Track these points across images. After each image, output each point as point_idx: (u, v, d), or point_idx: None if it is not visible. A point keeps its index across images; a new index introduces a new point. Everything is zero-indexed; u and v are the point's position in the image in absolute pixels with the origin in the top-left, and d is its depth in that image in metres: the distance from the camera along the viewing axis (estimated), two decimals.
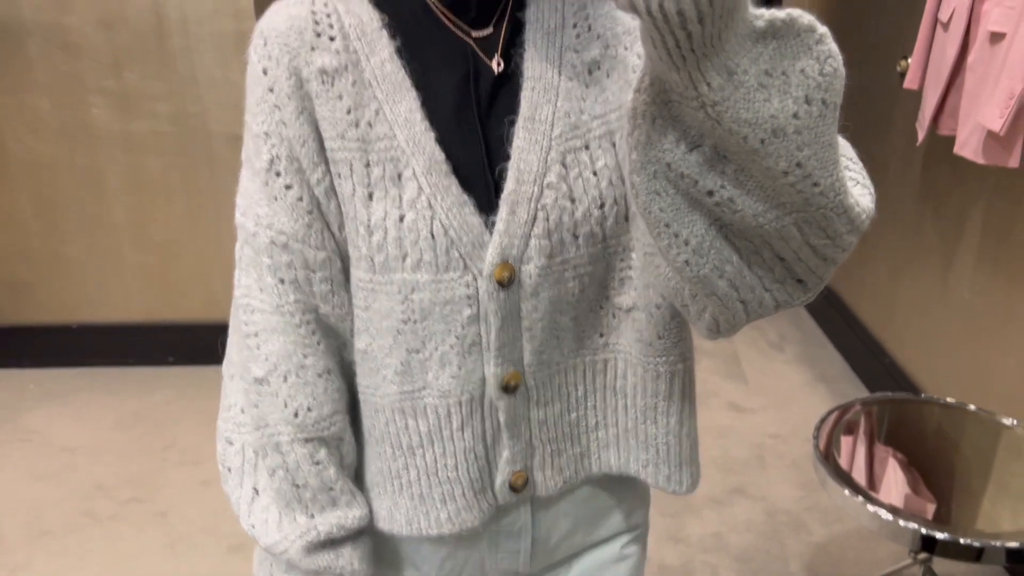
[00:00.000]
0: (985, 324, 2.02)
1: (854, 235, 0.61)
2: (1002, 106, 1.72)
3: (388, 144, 0.69)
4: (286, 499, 0.74)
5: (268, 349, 0.72)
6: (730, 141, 0.54)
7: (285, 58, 0.68)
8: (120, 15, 2.30)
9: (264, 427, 0.73)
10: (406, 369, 0.73)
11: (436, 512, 0.77)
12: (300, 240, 0.70)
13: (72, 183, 2.48)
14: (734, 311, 0.64)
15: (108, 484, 2.20)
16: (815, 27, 0.53)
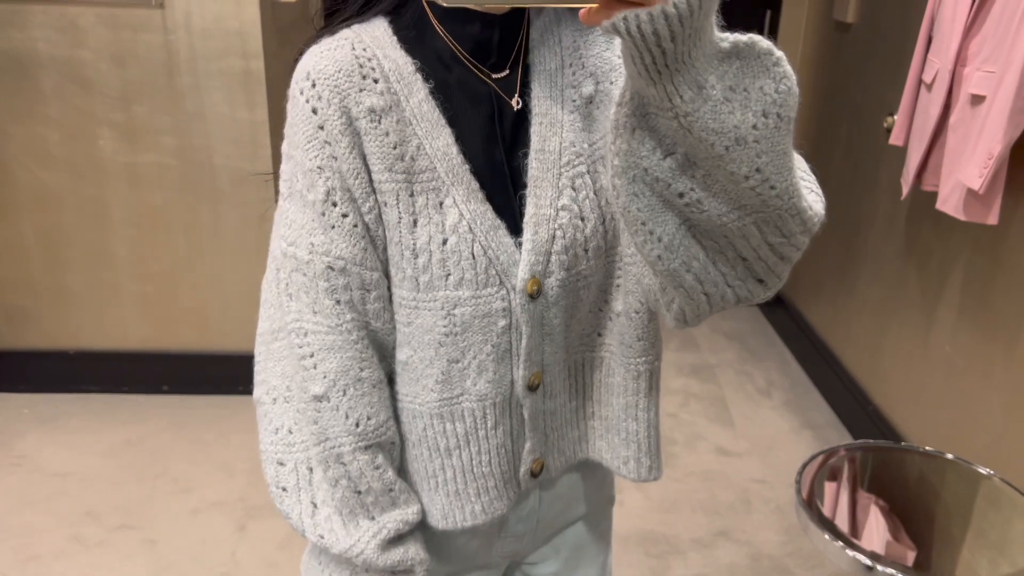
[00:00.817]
0: (965, 377, 2.07)
1: (806, 235, 0.70)
2: (981, 165, 1.79)
3: (430, 176, 0.76)
4: (349, 506, 0.79)
5: (326, 367, 0.77)
6: (699, 148, 0.61)
7: (335, 99, 0.73)
8: (132, 51, 2.37)
9: (325, 441, 0.78)
10: (446, 378, 0.80)
11: (471, 505, 0.84)
12: (358, 263, 0.76)
13: (76, 213, 2.53)
14: (699, 302, 0.73)
15: (98, 510, 2.21)
16: (773, 51, 0.61)
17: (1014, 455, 1.88)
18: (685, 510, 2.28)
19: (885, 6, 2.52)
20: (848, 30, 2.77)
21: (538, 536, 0.96)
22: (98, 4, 2.32)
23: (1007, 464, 1.89)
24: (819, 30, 3.02)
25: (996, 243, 1.95)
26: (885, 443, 1.94)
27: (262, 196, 2.54)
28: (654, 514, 2.26)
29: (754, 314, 3.47)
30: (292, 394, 0.79)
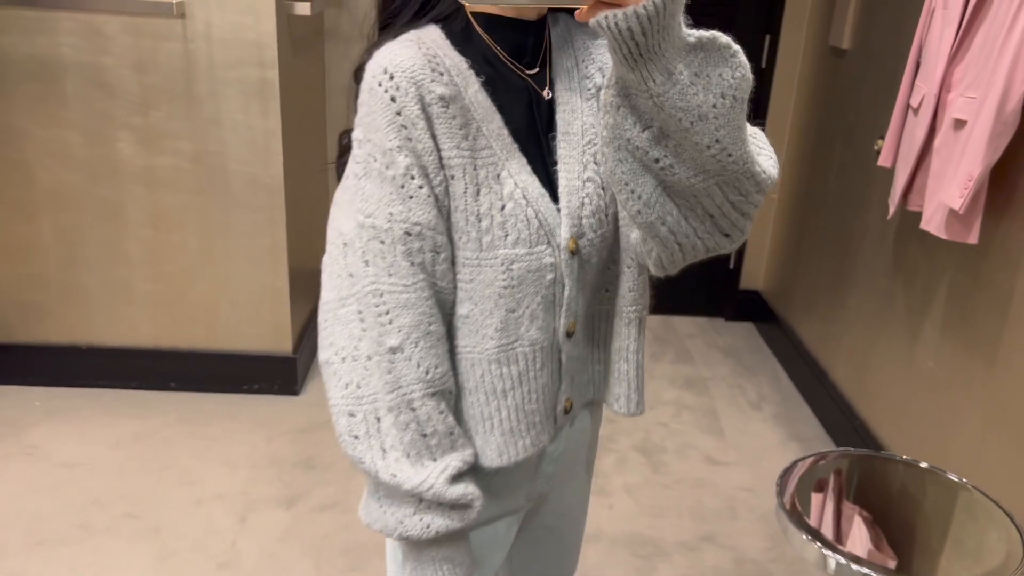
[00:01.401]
0: (947, 391, 2.13)
1: (760, 194, 0.84)
2: (962, 187, 1.87)
3: (488, 153, 0.90)
4: (417, 448, 0.89)
5: (401, 322, 0.88)
6: (670, 123, 0.75)
7: (412, 88, 0.86)
8: (153, 59, 2.47)
9: (397, 389, 0.88)
10: (504, 326, 0.92)
11: (522, 440, 0.97)
12: (431, 228, 0.88)
13: (93, 213, 2.62)
14: (672, 251, 0.88)
15: (104, 499, 2.29)
16: (731, 45, 0.75)
17: (993, 466, 1.94)
18: (672, 515, 2.35)
19: (878, 33, 2.61)
20: (843, 56, 2.86)
21: (559, 476, 1.11)
22: (122, 13, 2.42)
23: (986, 475, 1.95)
24: (816, 55, 3.12)
25: (978, 262, 2.03)
26: (866, 451, 2.01)
27: (273, 202, 2.63)
28: (642, 518, 2.33)
29: (749, 331, 3.55)
30: (359, 352, 0.89)
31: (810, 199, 3.11)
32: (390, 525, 0.92)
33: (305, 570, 2.07)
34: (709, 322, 3.60)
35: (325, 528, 2.22)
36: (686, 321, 3.59)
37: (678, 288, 3.53)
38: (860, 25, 2.74)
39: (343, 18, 3.20)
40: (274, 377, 2.82)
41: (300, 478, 2.42)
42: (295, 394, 2.84)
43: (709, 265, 3.73)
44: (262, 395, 2.82)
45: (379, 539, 2.14)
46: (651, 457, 2.61)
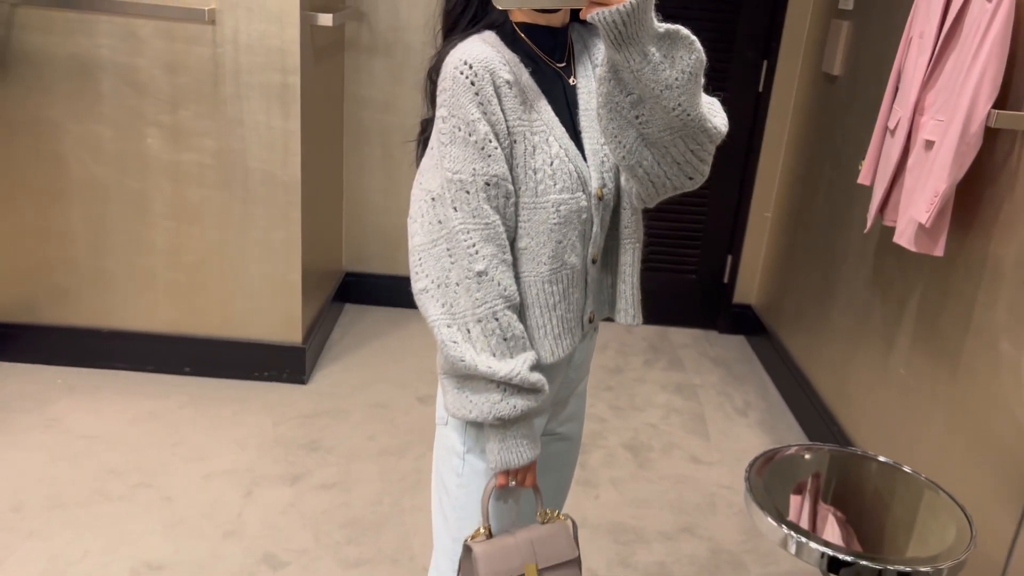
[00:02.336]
0: (915, 396, 2.26)
1: (713, 144, 1.16)
2: (928, 202, 2.01)
3: (539, 123, 1.19)
4: (500, 350, 1.17)
5: (484, 252, 1.15)
6: (646, 91, 1.06)
7: (486, 74, 1.14)
8: (184, 62, 2.64)
9: (484, 304, 1.16)
10: (555, 255, 1.21)
11: (564, 342, 1.27)
12: (506, 179, 1.16)
13: (121, 204, 2.79)
14: (647, 188, 1.20)
15: (120, 469, 2.44)
16: (690, 35, 1.06)
17: (954, 465, 2.07)
18: (654, 507, 2.47)
19: (866, 60, 2.76)
20: (834, 81, 3.01)
21: (573, 383, 1.40)
22: (157, 18, 2.60)
23: (947, 472, 2.08)
24: (809, 81, 3.27)
25: (946, 275, 2.17)
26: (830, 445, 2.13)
27: (289, 199, 2.79)
28: (625, 508, 2.46)
29: (741, 344, 3.67)
30: (449, 280, 1.16)
31: (800, 218, 3.25)
32: (485, 411, 1.18)
33: (305, 541, 2.21)
34: (703, 334, 3.74)
35: (325, 504, 2.36)
36: (681, 332, 3.73)
37: (674, 301, 3.70)
38: (850, 52, 2.90)
39: (363, 31, 3.38)
40: (284, 365, 2.97)
41: (304, 459, 2.56)
42: (303, 383, 2.99)
43: (704, 280, 3.87)
44: (272, 382, 2.98)
45: (376, 516, 2.29)
46: (638, 454, 2.74)
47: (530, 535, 1.29)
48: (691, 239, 3.66)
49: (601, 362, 3.37)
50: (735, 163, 3.54)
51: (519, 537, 1.28)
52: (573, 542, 1.34)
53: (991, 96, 1.88)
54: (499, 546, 1.26)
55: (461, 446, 1.30)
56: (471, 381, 1.19)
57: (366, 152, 3.52)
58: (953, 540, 1.74)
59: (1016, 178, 1.89)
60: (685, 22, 1.08)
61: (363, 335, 3.43)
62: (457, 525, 1.33)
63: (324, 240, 3.29)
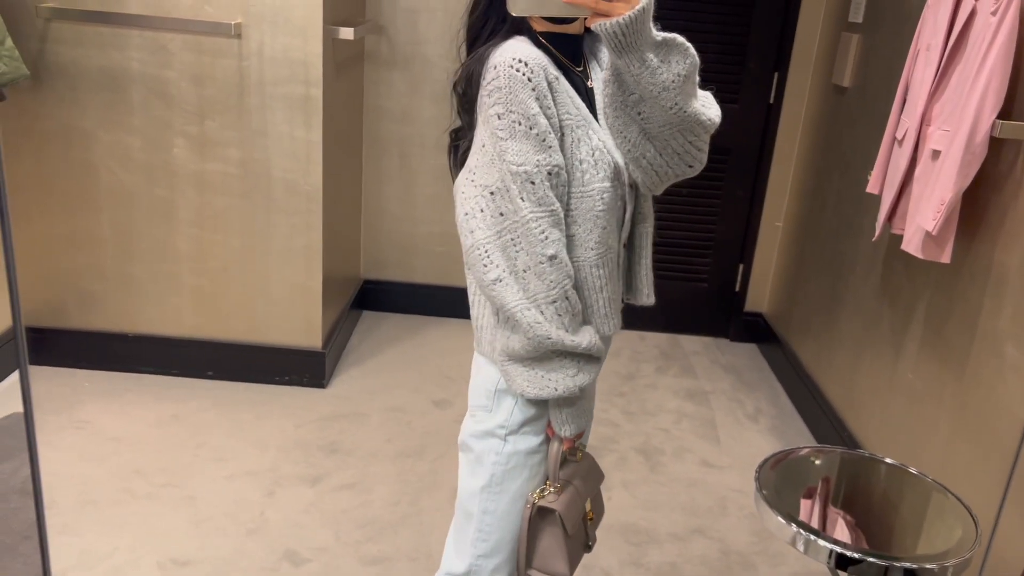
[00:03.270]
0: (923, 401, 2.31)
1: (706, 135, 1.27)
2: (935, 210, 2.06)
3: (580, 119, 1.26)
4: (574, 324, 1.27)
5: (553, 236, 1.22)
6: (646, 91, 1.17)
7: (540, 71, 1.21)
8: (210, 74, 2.73)
9: (558, 285, 1.23)
10: (601, 239, 1.29)
11: (610, 322, 1.36)
12: (563, 168, 1.24)
13: (148, 211, 2.87)
14: (651, 177, 1.32)
15: (146, 469, 2.51)
16: (685, 43, 1.17)
17: (959, 468, 2.11)
18: (666, 509, 2.52)
19: (875, 73, 2.82)
20: (844, 93, 3.07)
21: None
22: (186, 32, 2.69)
23: (953, 475, 2.12)
24: (820, 92, 3.33)
25: (952, 281, 2.21)
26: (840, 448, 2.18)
27: (311, 207, 2.87)
28: (637, 510, 2.51)
29: (752, 351, 3.72)
30: (518, 267, 1.23)
31: (810, 227, 3.30)
32: (568, 384, 1.28)
33: (325, 539, 2.28)
34: (714, 342, 3.78)
35: (344, 504, 2.42)
36: (692, 340, 3.78)
37: (686, 309, 3.76)
38: (859, 65, 2.96)
39: (383, 44, 3.47)
40: (304, 370, 3.04)
41: (324, 460, 2.63)
42: (323, 387, 3.06)
43: (716, 288, 3.93)
44: (292, 386, 3.05)
45: (395, 515, 2.35)
46: (650, 458, 2.79)
47: (578, 476, 1.42)
48: (703, 248, 3.71)
49: (614, 368, 3.43)
50: (747, 173, 3.60)
51: (576, 483, 1.41)
52: (599, 467, 1.50)
53: (996, 107, 1.94)
54: (570, 498, 1.38)
55: (502, 429, 1.38)
56: (545, 361, 1.27)
57: (384, 162, 3.60)
58: (958, 540, 1.79)
59: (1020, 187, 1.94)
60: (698, 34, 1.18)
61: (380, 341, 3.50)
62: (491, 498, 1.42)
63: (343, 248, 3.36)
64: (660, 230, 4.13)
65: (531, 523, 1.39)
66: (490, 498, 1.41)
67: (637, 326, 3.80)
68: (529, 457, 1.39)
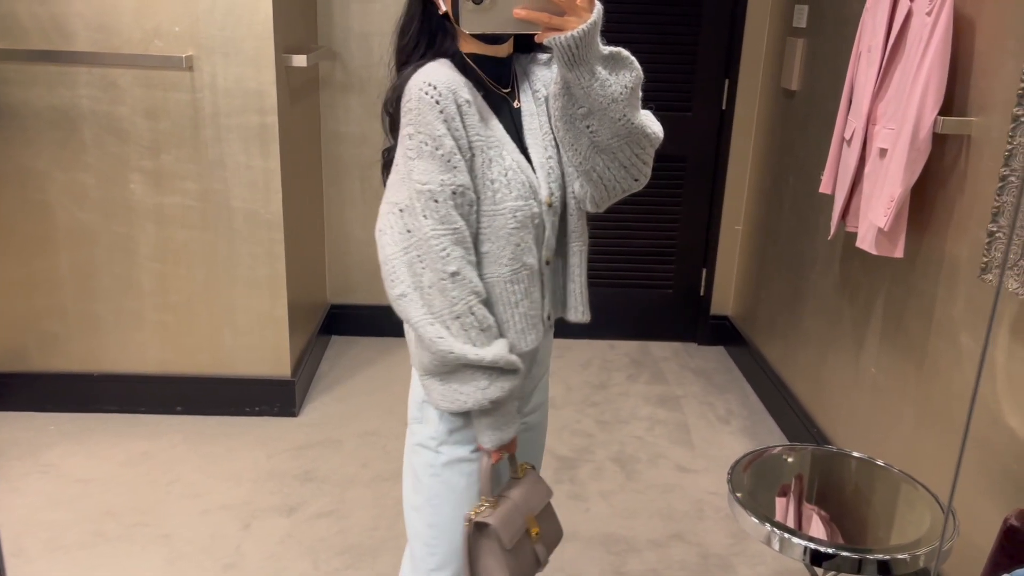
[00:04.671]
0: (886, 394, 2.35)
1: (652, 148, 1.32)
2: (885, 207, 2.12)
3: (494, 139, 1.31)
4: (481, 339, 1.28)
5: (455, 255, 1.26)
6: (594, 104, 1.21)
7: (450, 94, 1.25)
8: (164, 107, 2.72)
9: (461, 300, 1.26)
10: (515, 256, 1.32)
11: (529, 337, 1.38)
12: (469, 188, 1.27)
13: (107, 249, 2.84)
14: (601, 192, 1.35)
15: (117, 510, 2.47)
16: (630, 56, 1.22)
17: (925, 456, 2.15)
18: (643, 516, 2.54)
19: (821, 75, 2.88)
20: (793, 96, 3.13)
21: (535, 378, 1.51)
22: (136, 67, 2.68)
23: (921, 464, 2.16)
24: (769, 96, 3.39)
25: (907, 275, 2.26)
26: (810, 445, 2.21)
27: (272, 236, 2.86)
28: (616, 519, 2.52)
29: (720, 354, 3.76)
30: (422, 283, 1.27)
31: (769, 229, 3.35)
32: (478, 397, 1.30)
33: (305, 569, 2.26)
34: (683, 346, 3.82)
35: (322, 532, 2.41)
36: (661, 346, 3.81)
37: (653, 316, 3.79)
38: (806, 68, 3.02)
39: (337, 69, 3.47)
40: (274, 400, 3.02)
41: (299, 489, 2.61)
42: (294, 415, 3.04)
43: (681, 294, 3.96)
44: (263, 417, 3.02)
45: (373, 541, 2.34)
46: (625, 466, 2.81)
47: (518, 491, 1.42)
48: (666, 255, 3.75)
49: (585, 378, 3.45)
50: (704, 179, 3.65)
51: (513, 496, 1.41)
52: (546, 484, 1.48)
53: (936, 104, 1.99)
54: (505, 512, 1.38)
55: (433, 440, 1.42)
56: (457, 374, 1.29)
57: (346, 186, 3.60)
58: (928, 528, 1.82)
59: (965, 180, 2.00)
60: (648, 46, 1.21)
61: (350, 366, 3.48)
62: (433, 512, 1.44)
63: (308, 274, 3.35)
64: (623, 239, 4.16)
65: (471, 539, 1.39)
66: (432, 511, 1.44)
67: (606, 335, 3.83)
68: (463, 466, 1.41)
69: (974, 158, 1.96)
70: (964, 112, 2.00)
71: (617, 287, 3.77)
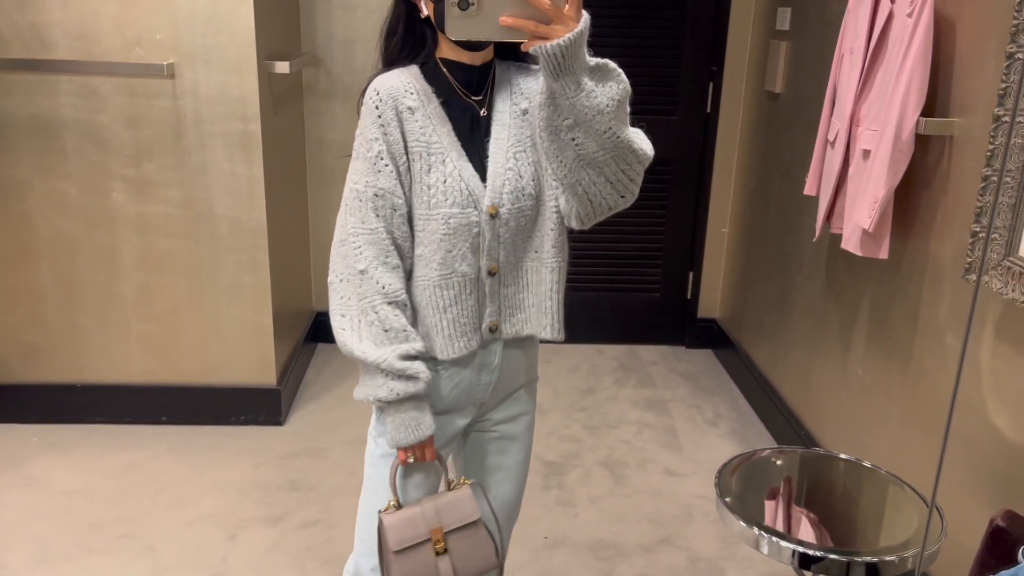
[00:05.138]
0: (873, 394, 2.35)
1: (640, 166, 1.29)
2: (869, 208, 2.12)
3: (439, 146, 1.34)
4: (380, 339, 1.33)
5: (367, 254, 1.33)
6: (580, 116, 1.20)
7: (390, 102, 1.32)
8: (145, 115, 2.70)
9: (364, 299, 1.33)
10: (444, 262, 1.35)
11: (456, 343, 1.40)
12: (391, 193, 1.33)
13: (89, 258, 2.82)
14: (587, 207, 1.33)
15: (102, 522, 2.44)
16: (617, 68, 1.21)
17: (912, 458, 2.15)
18: (632, 521, 2.53)
19: (805, 78, 2.89)
20: (777, 99, 3.14)
21: (497, 393, 1.51)
22: (117, 75, 2.65)
23: (907, 465, 2.16)
24: (754, 99, 3.40)
25: (892, 277, 2.27)
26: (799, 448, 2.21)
27: (256, 243, 2.84)
28: (604, 524, 2.51)
29: (708, 357, 3.76)
30: (344, 275, 1.35)
31: (755, 232, 3.36)
32: (368, 392, 1.36)
33: None
34: (670, 350, 3.82)
35: (309, 542, 2.39)
36: (649, 349, 3.81)
37: (641, 320, 3.79)
38: (790, 71, 3.03)
39: (320, 76, 3.46)
40: (260, 408, 3.00)
41: (285, 499, 2.59)
42: (280, 424, 3.02)
43: (668, 297, 3.96)
44: (249, 426, 3.00)
45: None
46: (614, 471, 2.80)
47: (436, 502, 1.44)
48: (653, 259, 3.75)
49: (573, 383, 3.44)
50: (690, 183, 3.65)
51: (425, 506, 1.43)
52: (476, 504, 1.46)
53: (919, 105, 2.00)
54: (406, 515, 1.41)
55: (374, 430, 1.49)
56: (367, 368, 1.36)
57: (331, 192, 3.58)
58: (916, 530, 1.82)
59: (948, 180, 2.00)
60: (633, 50, 1.20)
61: (336, 373, 3.46)
62: (366, 499, 1.50)
63: (293, 282, 3.33)
64: (610, 244, 4.15)
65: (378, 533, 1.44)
66: (365, 499, 1.50)
67: (594, 340, 3.82)
68: (393, 461, 1.45)
69: (956, 158, 1.97)
70: (946, 113, 2.01)
71: (604, 291, 3.76)
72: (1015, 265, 1.71)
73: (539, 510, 2.58)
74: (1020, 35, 1.69)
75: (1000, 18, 1.81)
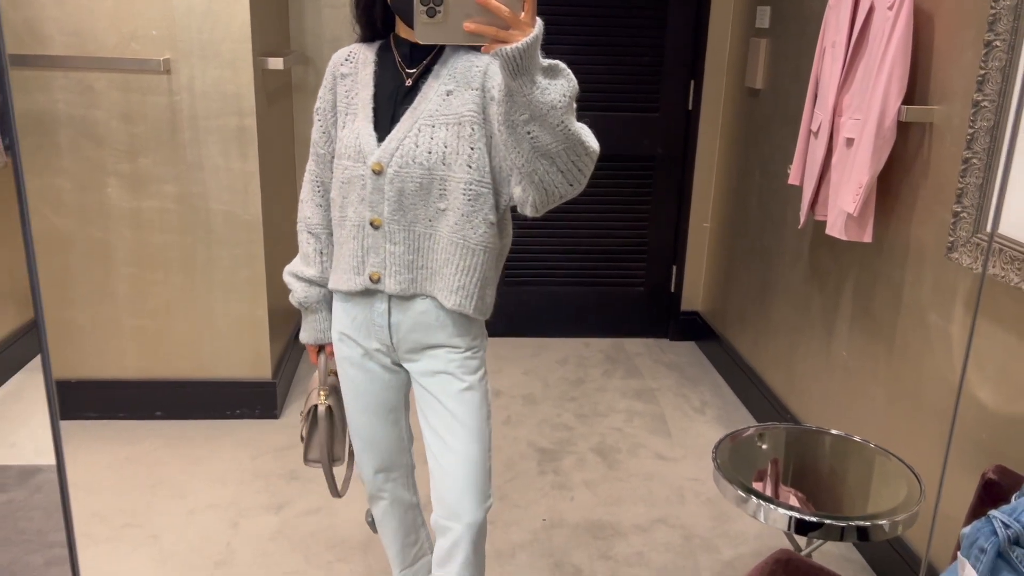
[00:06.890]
0: (858, 376, 2.44)
1: (588, 158, 1.38)
2: (854, 193, 2.21)
3: (355, 107, 1.57)
4: (302, 256, 1.72)
5: (305, 191, 1.69)
6: (535, 111, 1.28)
7: (332, 67, 1.61)
8: (141, 111, 2.72)
9: (299, 223, 1.71)
10: (342, 206, 1.58)
11: (342, 277, 1.61)
12: (317, 143, 1.65)
13: (84, 254, 2.83)
14: (541, 196, 1.41)
15: (104, 512, 2.46)
16: (567, 69, 1.31)
17: (898, 436, 2.24)
18: (627, 503, 2.60)
19: (784, 74, 2.99)
20: (757, 95, 3.23)
21: (403, 342, 1.63)
22: (112, 70, 2.68)
23: (894, 442, 2.25)
24: (734, 95, 3.50)
25: (875, 260, 2.36)
26: (788, 424, 2.29)
27: (252, 237, 2.87)
28: (600, 507, 2.57)
29: (692, 349, 3.85)
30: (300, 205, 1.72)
31: (736, 225, 3.45)
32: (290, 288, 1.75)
33: (296, 564, 2.27)
34: (655, 342, 3.90)
35: (312, 528, 2.42)
36: (634, 342, 3.89)
37: (626, 313, 3.87)
38: (769, 67, 3.13)
39: (309, 74, 3.50)
40: (255, 402, 3.02)
41: (285, 488, 2.62)
42: (276, 417, 3.05)
43: (652, 291, 4.04)
44: (244, 419, 3.02)
45: (363, 534, 2.36)
46: (607, 457, 2.87)
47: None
48: (637, 253, 3.83)
49: (562, 375, 3.50)
50: (672, 178, 3.74)
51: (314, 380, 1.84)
52: None
53: (900, 93, 2.10)
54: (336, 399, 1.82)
55: None
56: None
57: None
58: (904, 499, 1.91)
59: (929, 165, 2.10)
60: (616, 48, 1.25)
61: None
62: None
63: None
64: (594, 239, 4.22)
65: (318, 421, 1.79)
66: None
67: (581, 333, 3.89)
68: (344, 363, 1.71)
69: (936, 143, 2.06)
70: (926, 100, 2.11)
71: (590, 286, 3.84)
72: (983, 242, 1.81)
73: (536, 494, 2.63)
74: (997, 23, 1.78)
75: (976, 10, 1.91)
